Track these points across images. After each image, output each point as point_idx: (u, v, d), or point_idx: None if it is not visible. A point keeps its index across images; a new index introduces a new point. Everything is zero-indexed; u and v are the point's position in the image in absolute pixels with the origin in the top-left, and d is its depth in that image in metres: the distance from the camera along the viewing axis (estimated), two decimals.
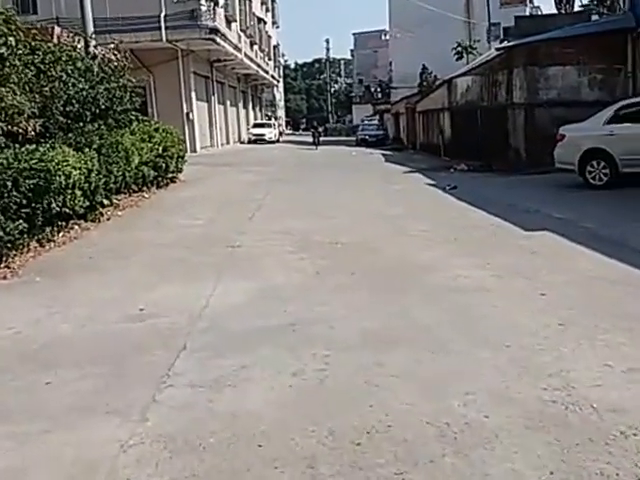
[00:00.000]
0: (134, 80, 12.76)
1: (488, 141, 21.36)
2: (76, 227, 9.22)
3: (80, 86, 11.20)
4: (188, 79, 27.20)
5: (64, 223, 8.84)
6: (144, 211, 11.48)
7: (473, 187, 14.68)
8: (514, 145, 19.83)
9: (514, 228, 8.91)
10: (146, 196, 13.18)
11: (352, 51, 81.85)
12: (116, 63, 13.19)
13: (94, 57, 12.23)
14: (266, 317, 5.13)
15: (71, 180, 8.49)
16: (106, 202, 10.62)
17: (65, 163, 8.46)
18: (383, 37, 75.28)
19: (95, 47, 13.85)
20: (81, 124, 11.06)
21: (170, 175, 15.26)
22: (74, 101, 10.91)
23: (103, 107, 11.50)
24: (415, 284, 6.11)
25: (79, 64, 11.14)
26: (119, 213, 10.97)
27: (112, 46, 13.17)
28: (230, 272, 6.70)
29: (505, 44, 21.23)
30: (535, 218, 9.81)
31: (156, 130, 14.47)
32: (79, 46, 13.07)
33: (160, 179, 14.46)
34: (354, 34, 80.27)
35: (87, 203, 9.39)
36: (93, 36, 14.45)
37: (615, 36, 17.96)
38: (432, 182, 16.10)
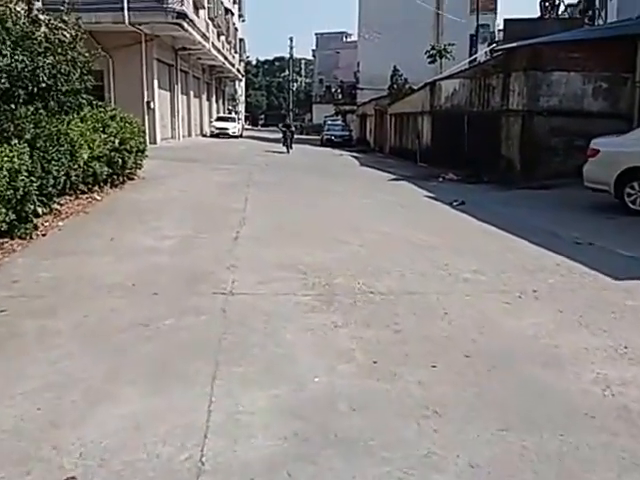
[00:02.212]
0: (87, 55, 9.62)
1: (476, 149, 18.90)
2: None
3: (15, 57, 8.07)
4: (151, 65, 23.84)
5: None
6: (93, 221, 8.44)
7: (480, 203, 12.15)
8: (507, 155, 17.43)
9: (593, 273, 6.35)
10: (97, 198, 10.19)
11: (314, 51, 78.64)
12: (66, 33, 10.06)
13: (35, 22, 9.03)
14: None
15: None
16: (42, 210, 7.62)
17: None
18: (345, 39, 72.64)
19: (42, 12, 10.62)
20: (12, 106, 7.92)
21: (127, 172, 12.22)
22: (3, 75, 7.77)
23: (44, 85, 8.37)
24: (551, 401, 3.42)
25: (9, 24, 7.95)
26: (60, 223, 7.96)
27: (63, 8, 9.93)
28: (229, 359, 3.83)
29: (502, 46, 18.75)
30: (603, 256, 7.30)
31: (112, 118, 11.42)
32: (19, 9, 9.85)
33: (115, 177, 11.44)
34: (316, 34, 77.18)
35: (13, 216, 6.41)
36: None
37: (624, 42, 15.76)
38: (430, 194, 13.53)
